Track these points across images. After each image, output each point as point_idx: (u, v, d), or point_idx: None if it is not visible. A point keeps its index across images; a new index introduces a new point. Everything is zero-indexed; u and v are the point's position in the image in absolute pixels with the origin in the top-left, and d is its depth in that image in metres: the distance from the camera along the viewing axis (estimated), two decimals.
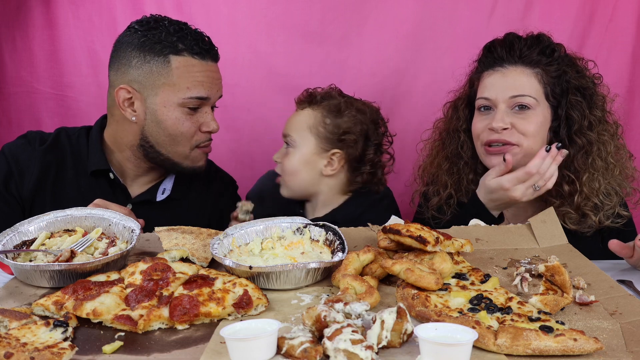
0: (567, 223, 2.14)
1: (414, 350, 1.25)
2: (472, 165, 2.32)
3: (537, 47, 2.17)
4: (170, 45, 2.16)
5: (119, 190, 2.32)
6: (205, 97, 2.21)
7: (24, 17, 3.10)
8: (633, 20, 2.98)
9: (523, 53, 2.16)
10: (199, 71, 2.19)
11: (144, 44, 2.17)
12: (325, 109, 2.36)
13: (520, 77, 2.15)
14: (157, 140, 2.23)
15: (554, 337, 1.24)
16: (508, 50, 2.18)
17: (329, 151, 2.36)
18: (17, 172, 2.23)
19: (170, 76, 2.16)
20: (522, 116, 2.13)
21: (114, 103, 2.22)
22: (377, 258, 1.63)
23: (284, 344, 1.23)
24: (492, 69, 2.20)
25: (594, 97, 2.20)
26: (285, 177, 2.40)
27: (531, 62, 2.16)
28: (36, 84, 3.17)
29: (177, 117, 2.19)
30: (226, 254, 1.71)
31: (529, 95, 2.13)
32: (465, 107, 2.33)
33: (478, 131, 2.22)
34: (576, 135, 2.15)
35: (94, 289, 1.49)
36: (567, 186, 2.16)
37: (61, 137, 2.34)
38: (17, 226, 1.80)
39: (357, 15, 3.09)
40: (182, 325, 1.40)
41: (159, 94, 2.17)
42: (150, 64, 2.16)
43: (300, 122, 2.37)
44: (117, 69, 2.21)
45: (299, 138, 2.35)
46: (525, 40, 2.20)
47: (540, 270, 1.60)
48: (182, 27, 2.21)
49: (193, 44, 2.18)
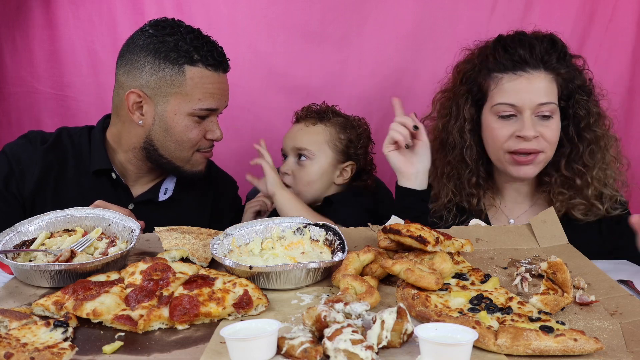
0: (576, 214, 2.18)
1: (414, 350, 1.25)
2: (475, 170, 2.26)
3: (554, 52, 2.15)
4: (185, 55, 2.15)
5: (121, 190, 2.32)
6: (215, 108, 2.23)
7: (24, 17, 3.10)
8: (633, 20, 2.98)
9: (544, 58, 2.12)
10: (211, 83, 2.19)
11: (159, 50, 2.15)
12: (336, 124, 2.58)
13: (544, 83, 2.11)
14: (162, 145, 2.22)
15: (554, 337, 1.24)
16: (530, 53, 2.12)
17: (343, 163, 2.59)
18: (18, 171, 2.23)
19: (183, 86, 2.16)
20: (546, 124, 2.12)
21: (122, 104, 2.21)
22: (377, 258, 1.63)
23: (284, 344, 1.23)
24: (513, 72, 2.12)
25: (592, 94, 2.23)
26: (299, 187, 2.54)
27: (552, 68, 2.13)
28: (36, 84, 3.17)
29: (186, 125, 2.19)
30: (226, 254, 1.71)
31: (553, 103, 2.12)
32: (471, 107, 2.24)
33: (502, 139, 2.14)
34: (584, 132, 2.19)
35: (94, 289, 1.49)
36: (579, 179, 2.19)
37: (62, 136, 2.34)
38: (17, 226, 1.80)
39: (357, 15, 3.09)
40: (182, 325, 1.40)
41: (170, 102, 2.17)
42: (164, 72, 2.15)
43: (317, 137, 2.55)
44: (128, 71, 2.19)
45: (318, 151, 2.53)
46: (542, 42, 2.14)
47: (542, 267, 1.60)
48: (198, 35, 2.20)
49: (208, 55, 2.17)
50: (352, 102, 3.02)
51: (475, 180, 2.26)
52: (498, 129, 2.15)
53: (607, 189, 2.22)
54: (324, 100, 2.70)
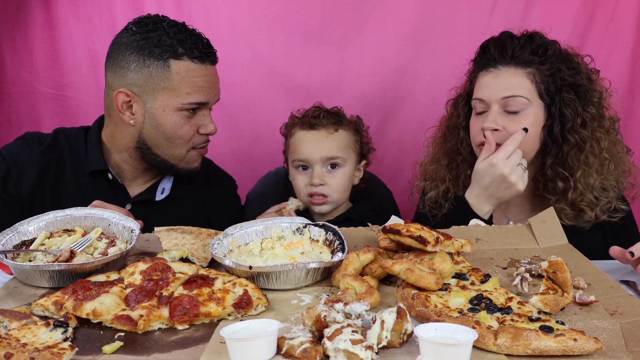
0: (563, 219, 2.13)
1: (414, 350, 1.25)
2: (470, 161, 2.32)
3: (529, 47, 2.16)
4: (169, 49, 2.14)
5: (118, 190, 2.31)
6: (204, 102, 2.20)
7: (24, 17, 3.10)
8: (633, 20, 2.98)
9: (515, 53, 2.16)
10: (198, 76, 2.17)
11: (142, 47, 2.14)
12: (351, 127, 2.58)
13: (512, 77, 2.15)
14: (155, 143, 2.22)
15: (554, 337, 1.24)
16: (500, 50, 2.18)
17: (360, 163, 2.61)
18: (16, 173, 2.23)
19: (170, 81, 2.14)
20: (513, 118, 2.14)
21: (113, 105, 2.21)
22: (377, 258, 1.63)
23: (284, 344, 1.23)
24: (485, 69, 2.20)
25: (588, 94, 2.18)
26: (336, 196, 2.52)
27: (523, 62, 2.15)
28: (36, 84, 3.17)
29: (176, 121, 2.18)
30: (226, 254, 1.71)
31: (521, 96, 2.13)
32: (465, 105, 2.35)
33: (473, 133, 2.24)
34: (569, 133, 2.15)
35: (93, 289, 1.49)
36: (561, 183, 2.17)
37: (59, 137, 2.34)
38: (17, 226, 1.79)
39: (357, 15, 3.09)
40: (182, 325, 1.40)
41: (158, 98, 2.16)
42: (149, 68, 2.14)
43: (342, 143, 2.53)
44: (115, 71, 2.19)
45: (347, 157, 2.53)
46: (519, 39, 2.19)
47: (543, 266, 1.60)
48: (182, 29, 2.18)
49: (193, 48, 2.15)
50: (352, 102, 3.02)
51: (470, 172, 2.26)
52: (473, 124, 2.25)
53: (596, 194, 2.16)
54: (322, 100, 2.69)
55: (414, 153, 3.18)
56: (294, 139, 2.52)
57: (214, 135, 2.31)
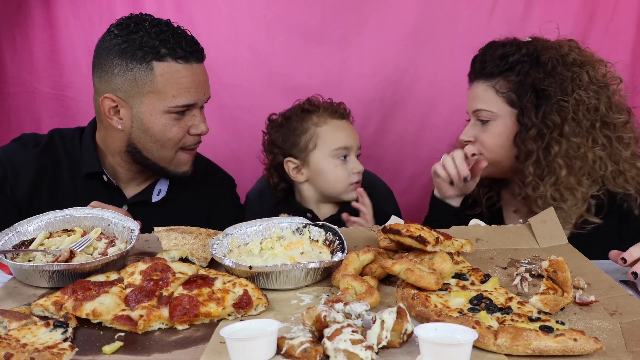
0: None
1: (414, 350, 1.24)
2: None
3: (490, 58, 2.21)
4: (152, 51, 2.08)
5: (114, 191, 2.30)
6: (192, 103, 2.15)
7: (24, 17, 3.10)
8: (633, 20, 2.98)
9: (481, 66, 2.23)
10: (184, 77, 2.11)
11: (124, 51, 2.08)
12: None
13: (479, 92, 2.24)
14: (145, 147, 2.19)
15: (554, 337, 1.24)
16: (474, 64, 2.27)
17: None
18: (12, 175, 2.21)
19: (154, 84, 2.09)
20: (483, 128, 2.24)
21: (100, 110, 2.18)
22: (377, 258, 1.63)
23: (284, 344, 1.23)
24: (469, 83, 2.31)
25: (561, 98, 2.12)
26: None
27: (487, 75, 2.21)
28: (36, 84, 3.17)
29: (164, 124, 2.14)
30: (226, 254, 1.71)
31: (485, 109, 2.22)
32: None
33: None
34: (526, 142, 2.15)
35: (93, 289, 1.49)
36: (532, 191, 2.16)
37: (55, 138, 2.32)
38: (16, 226, 1.79)
39: (357, 15, 3.09)
40: (182, 325, 1.40)
41: (144, 103, 2.11)
42: (133, 72, 2.09)
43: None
44: (100, 76, 2.15)
45: None
46: (483, 53, 2.25)
47: (543, 266, 1.60)
48: (164, 28, 2.12)
49: (176, 47, 2.09)
50: (352, 102, 3.00)
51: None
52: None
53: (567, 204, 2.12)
54: None
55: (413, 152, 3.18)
56: (327, 128, 2.51)
57: (215, 135, 2.30)
